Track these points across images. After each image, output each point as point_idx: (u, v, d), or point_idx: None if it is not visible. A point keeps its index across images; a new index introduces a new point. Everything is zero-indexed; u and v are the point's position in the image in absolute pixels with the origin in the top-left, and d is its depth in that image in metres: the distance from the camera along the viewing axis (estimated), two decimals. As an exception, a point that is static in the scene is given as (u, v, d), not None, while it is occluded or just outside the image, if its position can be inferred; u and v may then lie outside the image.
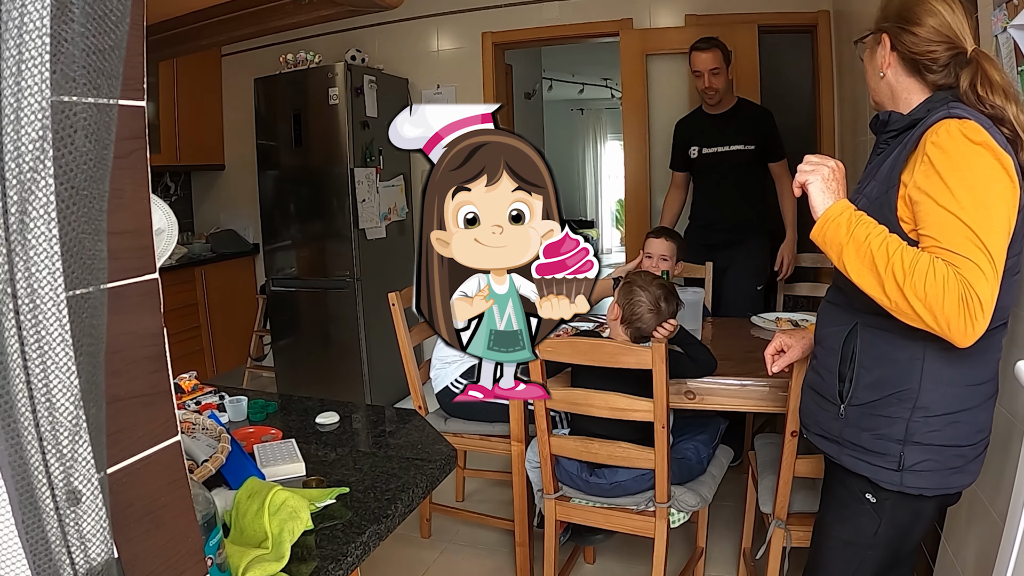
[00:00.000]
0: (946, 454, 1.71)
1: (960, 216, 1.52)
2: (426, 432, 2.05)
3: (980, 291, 1.48)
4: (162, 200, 1.02)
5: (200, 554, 0.95)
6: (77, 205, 0.66)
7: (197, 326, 5.92)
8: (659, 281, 2.71)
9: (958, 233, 1.52)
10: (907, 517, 1.83)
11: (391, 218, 5.57)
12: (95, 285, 0.69)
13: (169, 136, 5.90)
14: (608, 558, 3.39)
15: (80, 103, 0.66)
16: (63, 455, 0.68)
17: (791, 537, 2.53)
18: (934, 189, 1.56)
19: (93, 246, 0.69)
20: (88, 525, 0.71)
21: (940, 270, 1.50)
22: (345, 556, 1.40)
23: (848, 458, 1.83)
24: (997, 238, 1.52)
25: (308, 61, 5.33)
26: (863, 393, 1.77)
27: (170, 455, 0.86)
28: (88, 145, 0.67)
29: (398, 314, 3.17)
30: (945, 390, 1.69)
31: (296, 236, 5.53)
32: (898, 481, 1.74)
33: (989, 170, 1.54)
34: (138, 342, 0.80)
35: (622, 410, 2.52)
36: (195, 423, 1.92)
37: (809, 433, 1.99)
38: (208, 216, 6.72)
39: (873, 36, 1.82)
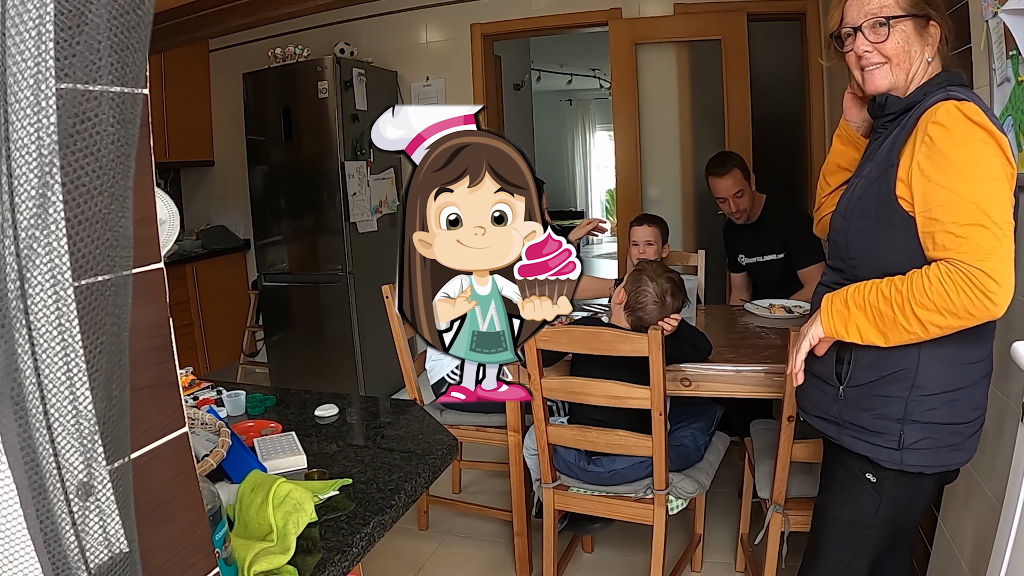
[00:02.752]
0: (944, 432, 1.73)
1: (963, 193, 1.55)
2: (426, 422, 2.05)
3: (986, 265, 1.51)
4: (163, 192, 1.02)
5: (209, 547, 0.95)
6: (103, 190, 0.66)
7: (189, 323, 5.91)
8: (669, 275, 2.71)
9: (962, 210, 1.55)
10: (907, 495, 1.85)
11: (382, 211, 5.56)
12: (118, 271, 0.69)
13: (158, 132, 5.85)
14: (606, 547, 3.40)
15: (107, 92, 0.65)
16: (73, 448, 0.68)
17: (789, 522, 2.54)
18: (936, 169, 1.58)
19: (118, 230, 0.68)
20: (100, 519, 0.71)
21: (932, 272, 1.56)
22: (350, 547, 1.40)
23: (848, 438, 1.85)
24: (1001, 209, 1.54)
25: (297, 55, 5.31)
26: (861, 374, 1.80)
27: (178, 447, 0.86)
28: (112, 131, 0.67)
29: (392, 306, 3.16)
30: (942, 368, 1.71)
31: (287, 231, 5.52)
32: (898, 459, 1.76)
33: (988, 148, 1.56)
34: (144, 333, 0.80)
35: (619, 398, 2.53)
36: (194, 418, 1.91)
37: (808, 416, 2.01)
38: (198, 212, 6.70)
39: (917, 20, 1.74)
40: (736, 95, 5.03)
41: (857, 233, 1.79)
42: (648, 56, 5.32)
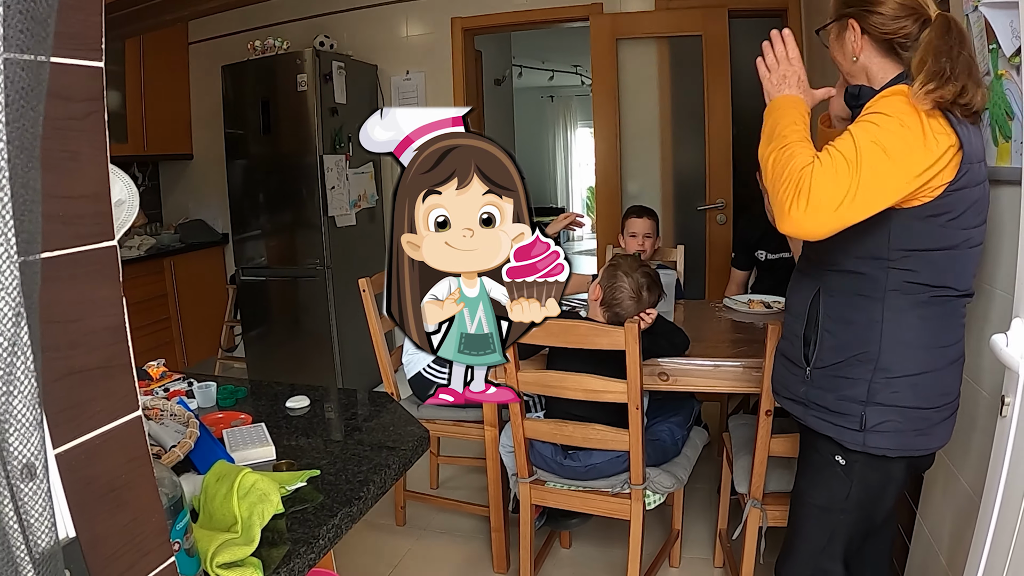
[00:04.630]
0: (909, 415, 1.75)
1: (857, 137, 1.61)
2: (398, 414, 2.03)
3: (817, 184, 1.59)
4: (123, 172, 0.99)
5: (165, 534, 0.92)
6: (19, 166, 0.63)
7: (167, 317, 5.85)
8: (644, 269, 2.70)
9: (845, 144, 1.61)
10: (877, 480, 1.87)
11: (361, 205, 5.52)
12: (36, 253, 0.66)
13: (136, 126, 5.81)
14: (584, 542, 3.38)
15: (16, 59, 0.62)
16: (16, 428, 0.65)
17: (767, 516, 2.53)
18: (856, 123, 1.66)
19: (32, 210, 0.66)
20: (43, 502, 0.68)
21: (800, 159, 1.64)
22: (317, 539, 1.37)
23: (813, 419, 1.89)
24: (876, 177, 1.59)
25: (276, 48, 5.26)
26: (827, 355, 1.84)
27: (131, 431, 0.83)
28: (22, 104, 0.64)
29: (369, 300, 3.13)
30: (905, 352, 1.74)
31: (266, 225, 5.48)
32: (861, 441, 1.79)
33: (913, 129, 1.59)
34: (96, 311, 0.77)
35: (596, 392, 2.51)
36: (163, 409, 1.88)
37: (779, 397, 2.06)
38: (176, 206, 6.64)
39: (838, 23, 1.87)
40: (717, 91, 5.03)
41: None
42: (629, 52, 5.30)
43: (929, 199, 1.63)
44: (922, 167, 1.59)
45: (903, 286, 1.71)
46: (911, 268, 1.69)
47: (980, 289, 1.96)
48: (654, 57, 5.29)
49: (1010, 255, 1.80)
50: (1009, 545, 1.49)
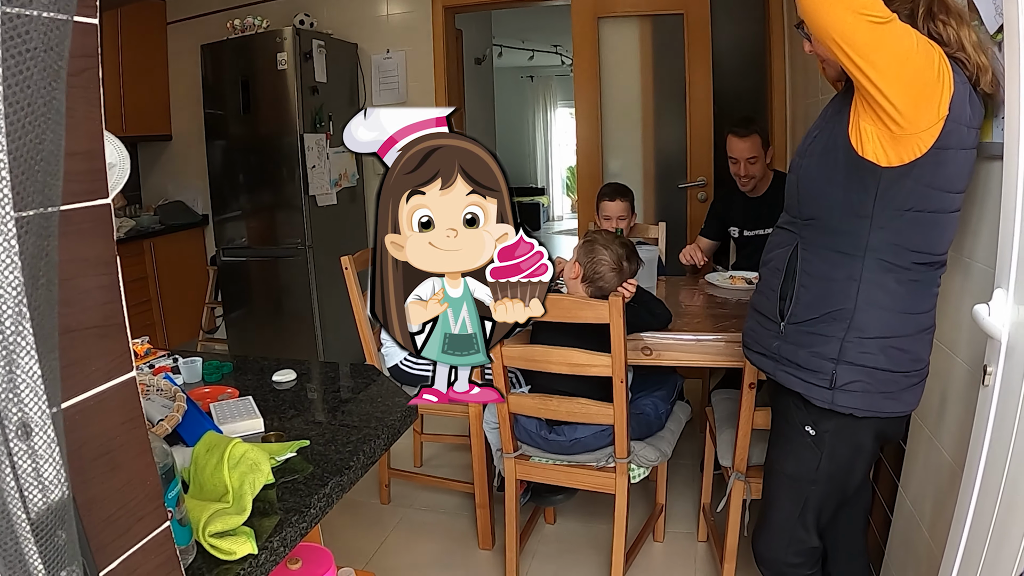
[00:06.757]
0: (878, 377, 1.77)
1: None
2: (385, 385, 2.03)
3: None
4: (113, 136, 0.98)
5: (160, 499, 0.92)
6: (30, 122, 0.63)
7: (147, 300, 5.81)
8: (620, 240, 2.72)
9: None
10: (847, 450, 1.90)
11: (342, 184, 5.49)
12: (47, 206, 0.66)
13: (114, 106, 5.74)
14: (569, 518, 3.40)
15: (36, 16, 0.62)
16: (12, 386, 0.65)
17: (751, 489, 2.56)
18: None
19: (53, 163, 0.65)
20: (41, 461, 0.68)
21: None
22: (308, 508, 1.38)
23: (783, 374, 1.90)
24: (896, 38, 1.57)
25: (256, 26, 5.22)
26: (802, 311, 1.85)
27: (125, 392, 0.83)
28: (41, 61, 0.63)
29: (351, 277, 3.12)
30: (880, 314, 1.75)
31: (246, 205, 5.44)
32: (829, 399, 1.81)
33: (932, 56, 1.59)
34: (90, 270, 0.77)
35: (580, 365, 2.52)
36: (149, 385, 1.88)
37: (749, 352, 2.07)
38: (155, 188, 6.57)
39: None
40: (698, 69, 5.02)
41: (807, 171, 1.84)
42: (610, 30, 5.29)
43: (920, 153, 1.62)
44: (926, 68, 1.58)
45: (883, 247, 1.71)
46: (894, 228, 1.70)
47: (959, 262, 1.98)
48: (636, 35, 5.28)
49: (990, 229, 1.81)
50: (993, 509, 1.51)
